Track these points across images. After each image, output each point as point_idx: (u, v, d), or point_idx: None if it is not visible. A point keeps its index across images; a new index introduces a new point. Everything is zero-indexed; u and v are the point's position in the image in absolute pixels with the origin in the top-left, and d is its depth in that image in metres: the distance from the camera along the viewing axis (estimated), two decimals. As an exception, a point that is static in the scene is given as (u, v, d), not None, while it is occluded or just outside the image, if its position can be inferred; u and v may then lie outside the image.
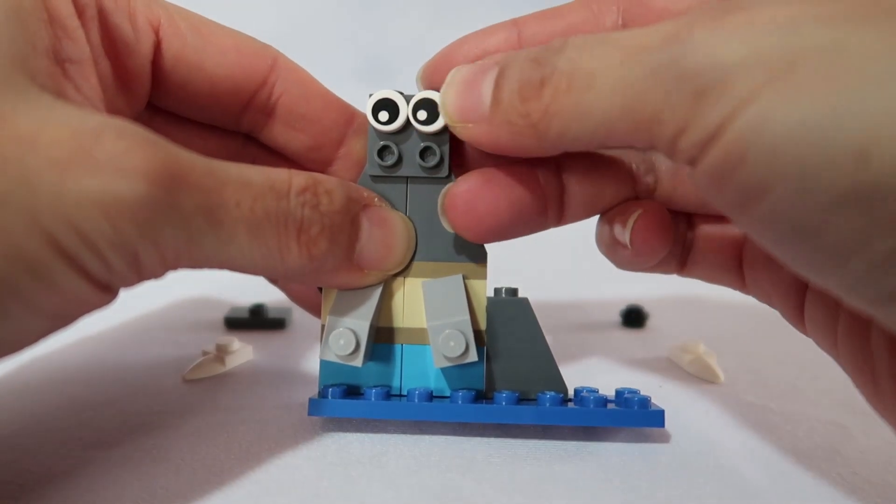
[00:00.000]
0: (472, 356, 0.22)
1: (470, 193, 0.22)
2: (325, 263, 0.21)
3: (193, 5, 0.24)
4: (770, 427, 0.25)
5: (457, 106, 0.21)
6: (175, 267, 0.19)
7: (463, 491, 0.20)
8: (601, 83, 0.17)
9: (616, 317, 0.38)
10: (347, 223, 0.21)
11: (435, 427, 0.24)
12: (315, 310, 0.29)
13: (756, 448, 0.23)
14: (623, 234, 0.23)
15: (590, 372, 0.30)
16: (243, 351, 0.30)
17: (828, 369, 0.30)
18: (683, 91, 0.15)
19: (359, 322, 0.22)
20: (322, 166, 0.26)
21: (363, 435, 0.23)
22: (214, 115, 0.25)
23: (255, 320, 0.36)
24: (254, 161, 0.26)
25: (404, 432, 0.23)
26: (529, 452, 0.22)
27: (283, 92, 0.25)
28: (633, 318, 0.38)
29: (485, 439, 0.23)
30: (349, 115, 0.26)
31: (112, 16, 0.22)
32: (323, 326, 0.24)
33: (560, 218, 0.23)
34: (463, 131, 0.21)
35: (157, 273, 0.18)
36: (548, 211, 0.23)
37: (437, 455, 0.22)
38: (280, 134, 0.26)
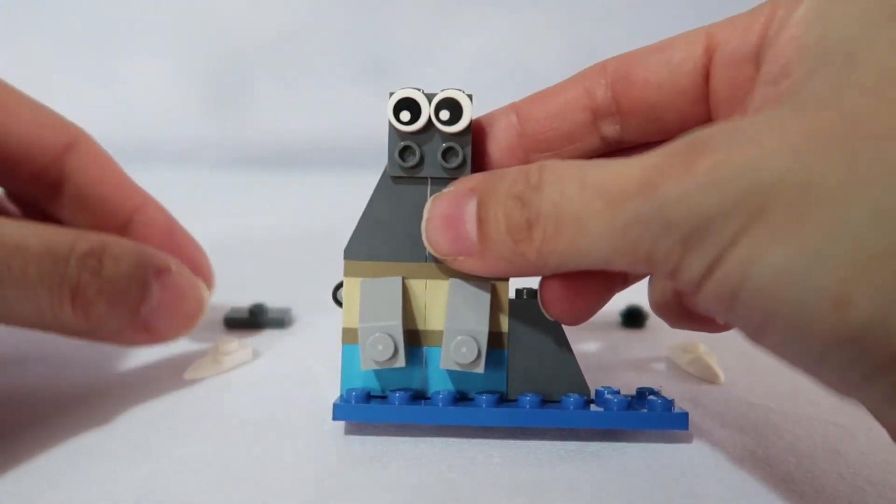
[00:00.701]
0: (480, 368, 0.22)
1: (565, 290, 0.22)
2: (107, 325, 0.22)
3: (200, 5, 0.24)
4: (770, 427, 0.24)
5: (443, 243, 0.21)
6: None
7: (463, 492, 0.20)
8: (589, 228, 0.18)
9: (616, 317, 0.38)
10: (134, 287, 0.22)
11: (434, 427, 0.23)
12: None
13: (756, 448, 0.23)
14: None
15: (590, 372, 0.30)
16: (243, 351, 0.30)
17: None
18: (670, 239, 0.16)
19: (391, 324, 0.22)
20: None
21: (363, 436, 0.23)
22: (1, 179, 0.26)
23: (255, 320, 0.36)
24: None
25: (404, 433, 0.23)
26: (530, 453, 0.22)
27: (77, 171, 0.26)
28: (633, 318, 0.38)
29: (485, 440, 0.23)
30: (140, 202, 0.27)
31: None
32: (344, 330, 0.24)
33: (625, 282, 0.24)
34: (454, 264, 0.21)
35: None
36: (619, 277, 0.23)
37: (437, 455, 0.22)
38: (65, 209, 0.27)
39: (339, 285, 0.24)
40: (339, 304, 0.24)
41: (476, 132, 0.24)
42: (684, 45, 0.22)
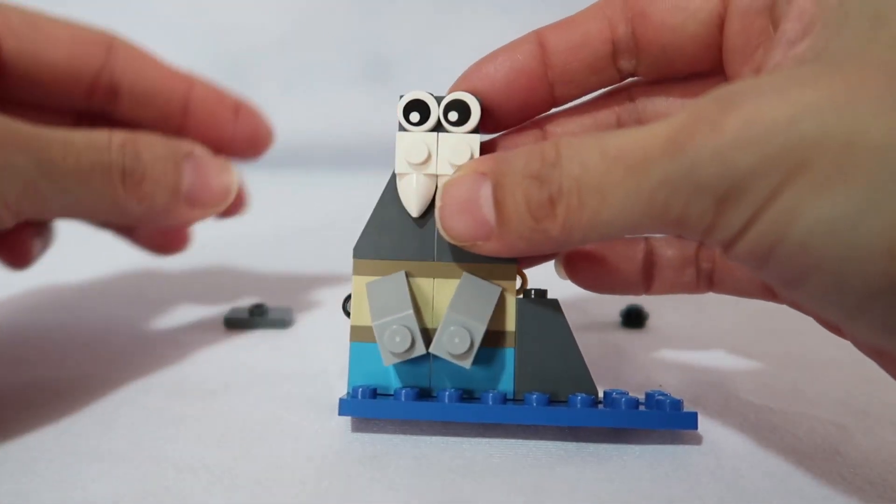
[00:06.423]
0: (468, 362, 0.22)
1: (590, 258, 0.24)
2: (155, 203, 0.25)
3: (201, 6, 0.25)
4: (770, 427, 0.24)
5: (460, 228, 0.21)
6: (22, 213, 0.23)
7: (463, 492, 0.20)
8: (613, 198, 0.17)
9: (616, 317, 0.38)
10: (170, 167, 0.26)
11: (435, 427, 0.24)
12: (159, 248, 0.34)
13: (756, 448, 0.23)
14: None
15: (590, 372, 0.30)
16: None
17: (828, 370, 0.30)
18: (703, 200, 0.16)
19: (404, 315, 0.22)
20: (176, 134, 0.30)
21: (363, 435, 0.23)
22: (63, 100, 0.29)
23: (255, 320, 0.36)
24: None
25: (404, 432, 0.23)
26: (529, 453, 0.22)
27: (123, 71, 0.29)
28: (633, 318, 0.38)
29: (485, 440, 0.23)
30: (188, 84, 0.30)
31: None
32: (352, 328, 0.24)
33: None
34: (474, 248, 0.21)
35: (5, 220, 0.23)
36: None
37: (437, 456, 0.22)
38: (129, 111, 0.30)
39: (348, 298, 0.24)
40: (349, 315, 0.24)
41: (499, 63, 0.24)
42: None
